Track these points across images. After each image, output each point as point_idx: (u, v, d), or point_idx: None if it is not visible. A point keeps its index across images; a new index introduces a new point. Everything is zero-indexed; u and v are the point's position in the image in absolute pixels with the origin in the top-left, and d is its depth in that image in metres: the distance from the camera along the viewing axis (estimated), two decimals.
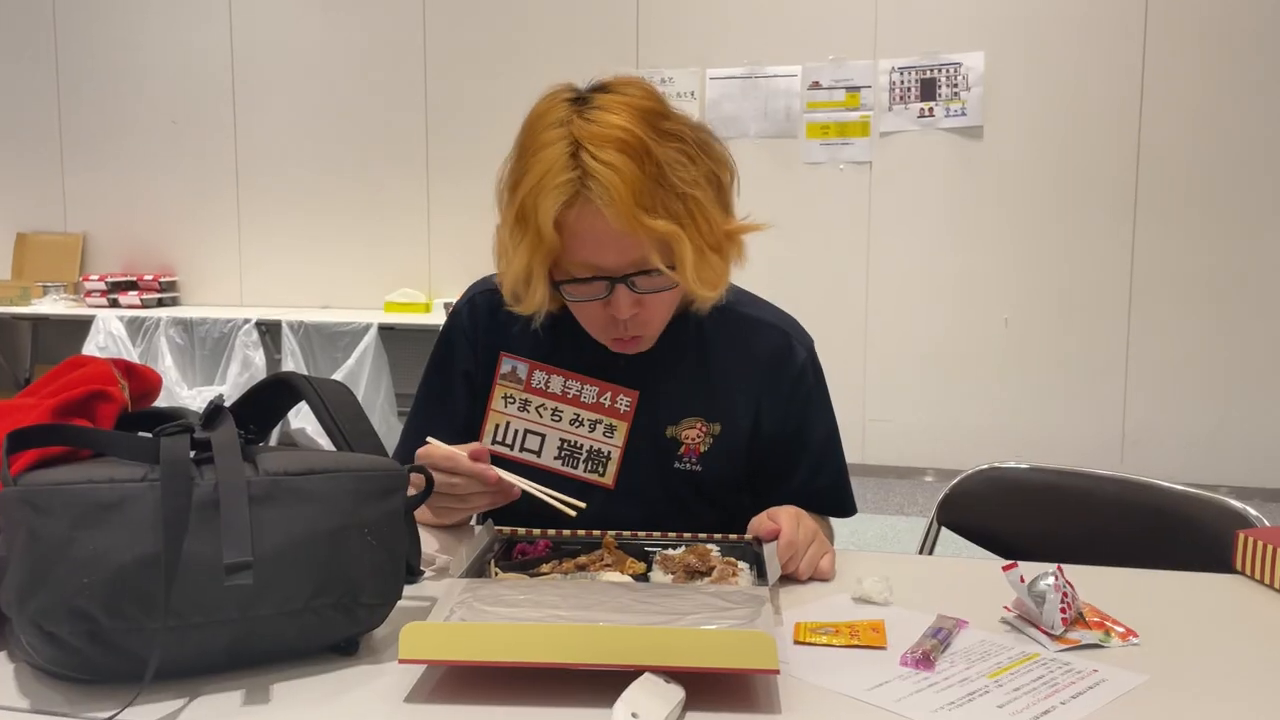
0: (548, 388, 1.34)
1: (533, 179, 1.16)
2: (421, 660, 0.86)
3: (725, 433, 1.35)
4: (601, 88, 1.20)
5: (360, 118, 5.38)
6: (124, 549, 0.83)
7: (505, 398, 1.35)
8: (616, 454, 1.33)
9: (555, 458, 1.33)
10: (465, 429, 1.36)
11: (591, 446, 1.33)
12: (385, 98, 5.34)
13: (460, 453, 1.17)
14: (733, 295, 1.37)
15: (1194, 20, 4.43)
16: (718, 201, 1.21)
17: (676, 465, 1.34)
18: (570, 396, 1.34)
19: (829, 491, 1.40)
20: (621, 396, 1.33)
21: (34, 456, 0.89)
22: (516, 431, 1.34)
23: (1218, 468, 4.49)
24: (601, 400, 1.33)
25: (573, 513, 1.17)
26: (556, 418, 1.34)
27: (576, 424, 1.33)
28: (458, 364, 1.39)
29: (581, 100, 1.19)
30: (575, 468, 1.33)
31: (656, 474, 1.34)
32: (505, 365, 1.35)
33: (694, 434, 1.34)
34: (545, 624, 0.88)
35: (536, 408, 1.34)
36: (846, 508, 1.41)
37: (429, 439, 1.21)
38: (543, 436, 1.34)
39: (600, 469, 1.33)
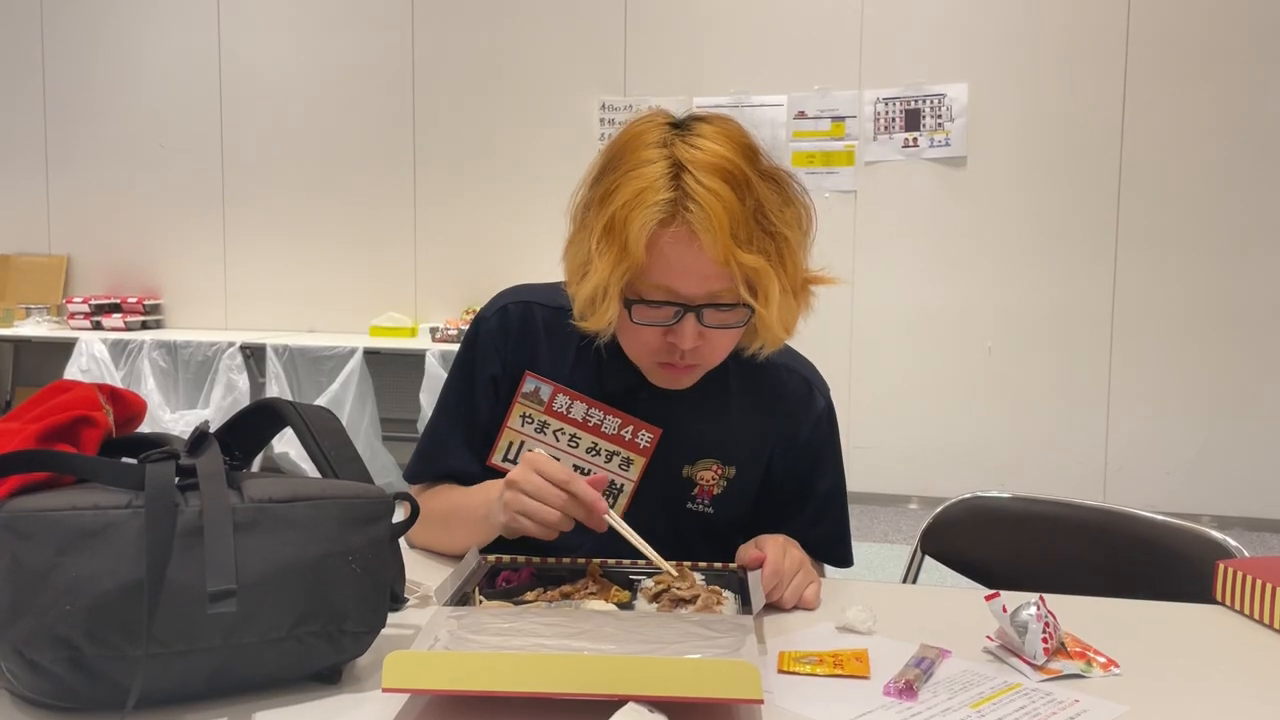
0: (569, 413, 1.32)
1: (628, 193, 1.14)
2: (405, 689, 0.86)
3: (740, 477, 1.35)
4: (699, 118, 1.21)
5: (347, 142, 5.40)
6: (107, 576, 0.83)
7: (524, 417, 1.32)
8: (630, 488, 1.31)
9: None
10: (487, 436, 1.34)
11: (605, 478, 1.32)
12: (373, 123, 5.36)
13: (577, 474, 1.14)
14: None
15: (1175, 53, 4.49)
16: (801, 246, 1.21)
17: (689, 506, 1.33)
18: (591, 425, 1.31)
19: (828, 540, 1.39)
20: (643, 432, 1.31)
21: (17, 482, 0.88)
22: (530, 452, 1.32)
23: (1200, 496, 4.52)
24: (622, 433, 1.31)
25: (673, 572, 1.15)
26: (574, 444, 1.31)
27: (593, 453, 1.31)
28: (485, 369, 1.35)
29: (681, 126, 1.20)
30: None
31: (667, 513, 1.33)
32: (528, 384, 1.32)
33: (710, 476, 1.34)
34: (529, 653, 0.88)
35: (554, 431, 1.32)
36: (844, 559, 1.40)
37: (534, 450, 1.19)
38: (556, 461, 1.32)
39: (611, 501, 1.31)
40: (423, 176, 5.34)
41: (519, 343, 1.35)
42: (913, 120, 4.73)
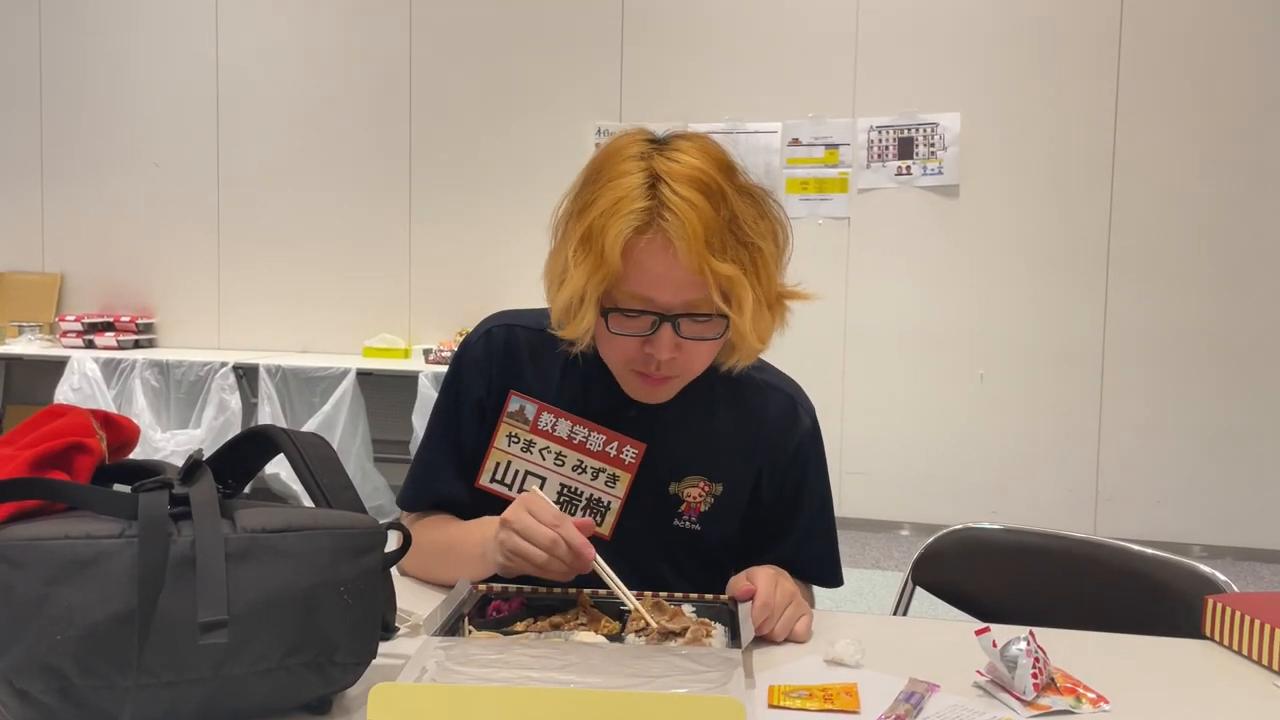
0: (554, 431, 1.32)
1: (606, 203, 1.17)
2: None
3: (726, 494, 1.35)
4: (678, 135, 1.24)
5: (343, 163, 5.41)
6: (98, 606, 0.83)
7: (510, 436, 1.33)
8: (617, 505, 1.32)
9: (554, 503, 1.31)
10: (475, 461, 1.35)
11: (592, 495, 1.31)
12: (368, 145, 5.38)
13: (568, 517, 1.15)
14: None
15: (1165, 83, 4.53)
16: (776, 260, 1.23)
17: (676, 522, 1.34)
18: (576, 442, 1.32)
19: (816, 560, 1.39)
20: (628, 447, 1.31)
21: (10, 510, 0.88)
22: (517, 472, 1.32)
23: (1191, 525, 4.53)
24: (607, 449, 1.32)
25: (650, 619, 1.13)
26: (560, 462, 1.32)
27: (579, 470, 1.32)
28: (470, 393, 1.37)
29: (660, 142, 1.23)
30: (573, 514, 1.32)
31: (654, 529, 1.33)
32: (513, 404, 1.33)
33: (696, 492, 1.34)
34: (515, 686, 0.88)
35: (540, 450, 1.32)
36: (833, 579, 1.41)
37: (532, 489, 1.20)
38: (543, 480, 1.32)
39: (599, 518, 1.32)
40: (418, 198, 5.35)
41: (503, 365, 1.36)
42: (905, 148, 4.76)
